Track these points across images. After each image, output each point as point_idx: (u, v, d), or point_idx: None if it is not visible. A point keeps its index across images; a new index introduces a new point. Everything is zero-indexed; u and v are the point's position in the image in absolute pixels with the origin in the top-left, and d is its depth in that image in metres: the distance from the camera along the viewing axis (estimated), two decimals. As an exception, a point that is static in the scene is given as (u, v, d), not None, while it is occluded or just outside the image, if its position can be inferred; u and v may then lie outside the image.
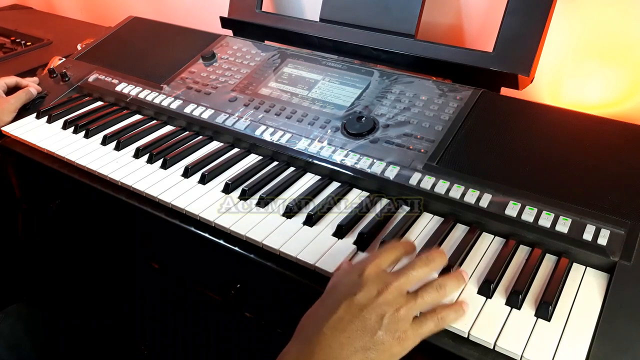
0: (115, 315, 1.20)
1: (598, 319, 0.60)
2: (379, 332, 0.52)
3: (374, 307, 0.53)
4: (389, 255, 0.59)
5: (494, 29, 0.91)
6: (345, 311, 0.53)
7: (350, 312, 0.53)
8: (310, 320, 0.55)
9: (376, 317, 0.52)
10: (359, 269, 0.56)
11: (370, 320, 0.52)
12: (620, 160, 0.74)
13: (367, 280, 0.55)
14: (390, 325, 0.52)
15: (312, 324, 0.54)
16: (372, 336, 0.52)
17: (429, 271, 0.57)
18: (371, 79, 0.97)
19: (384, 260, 0.58)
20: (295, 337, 0.55)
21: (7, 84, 1.12)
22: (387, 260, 0.58)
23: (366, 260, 0.58)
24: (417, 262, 0.57)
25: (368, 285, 0.54)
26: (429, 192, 0.77)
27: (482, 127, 0.84)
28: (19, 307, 0.98)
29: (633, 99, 0.94)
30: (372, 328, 0.52)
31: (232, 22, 1.19)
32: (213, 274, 0.89)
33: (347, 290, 0.55)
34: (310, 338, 0.53)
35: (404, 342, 0.53)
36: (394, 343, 0.52)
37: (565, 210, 0.70)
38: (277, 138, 0.91)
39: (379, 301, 0.53)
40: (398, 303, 0.53)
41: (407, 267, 0.57)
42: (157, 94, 1.07)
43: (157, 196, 0.83)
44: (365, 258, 0.59)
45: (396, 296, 0.54)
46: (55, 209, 1.10)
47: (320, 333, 0.52)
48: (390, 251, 0.59)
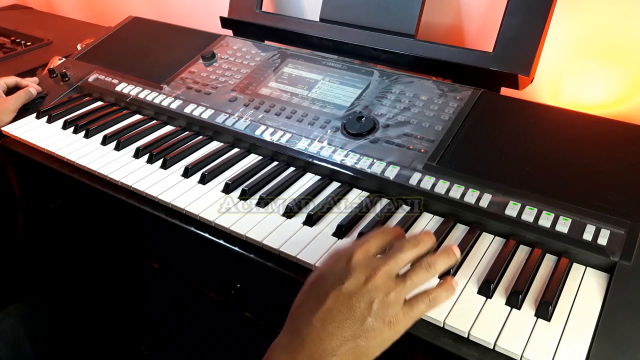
0: (115, 315, 1.20)
1: (598, 319, 0.60)
2: (368, 318, 0.51)
3: (363, 293, 0.52)
4: (377, 241, 0.57)
5: (494, 29, 0.91)
6: (333, 301, 0.52)
7: (339, 301, 0.52)
8: (299, 311, 0.55)
9: (365, 304, 0.52)
10: (347, 255, 0.55)
11: (359, 307, 0.52)
12: (620, 160, 0.74)
13: (356, 266, 0.54)
14: (380, 311, 0.52)
15: (301, 315, 0.54)
16: (361, 324, 0.51)
17: (417, 252, 0.56)
18: (371, 79, 0.97)
19: (372, 245, 0.57)
20: (286, 328, 0.55)
21: (7, 84, 1.12)
22: (375, 246, 0.57)
23: (354, 245, 0.56)
24: (405, 244, 0.56)
25: (356, 271, 0.54)
26: (429, 192, 0.77)
27: (482, 127, 0.84)
28: (19, 307, 0.98)
29: (633, 99, 0.94)
30: (362, 315, 0.51)
31: (232, 22, 1.19)
32: (213, 274, 0.89)
33: (335, 278, 0.54)
34: (300, 329, 0.52)
35: (395, 326, 0.52)
36: (385, 328, 0.52)
37: (565, 210, 0.70)
38: (277, 138, 0.91)
39: (367, 287, 0.52)
40: (387, 287, 0.53)
41: (395, 249, 0.56)
42: (157, 94, 1.07)
43: (157, 196, 0.83)
44: (354, 244, 0.57)
45: (385, 280, 0.53)
46: (55, 209, 1.10)
47: (309, 325, 0.52)
48: (379, 236, 0.58)
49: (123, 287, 1.14)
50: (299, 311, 0.55)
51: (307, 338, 0.51)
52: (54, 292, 1.33)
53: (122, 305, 1.18)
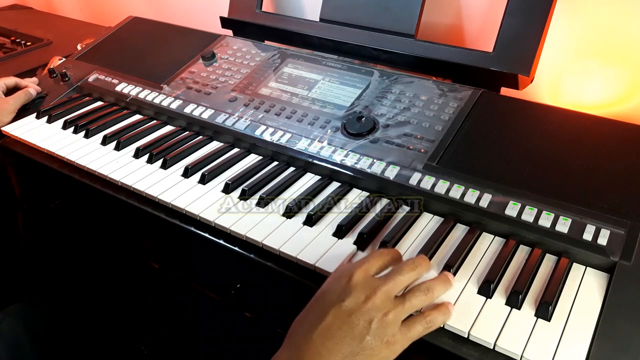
0: (115, 315, 1.20)
1: (598, 319, 0.60)
2: (367, 337, 0.53)
3: (362, 312, 0.54)
4: (377, 262, 0.60)
5: (494, 29, 0.91)
6: (333, 318, 0.54)
7: (338, 319, 0.54)
8: (299, 327, 0.56)
9: (364, 323, 0.53)
10: (348, 275, 0.57)
11: (358, 325, 0.53)
12: (620, 160, 0.74)
13: (356, 286, 0.56)
14: (378, 330, 0.53)
15: (301, 331, 0.55)
16: (360, 341, 0.53)
17: (415, 276, 0.59)
18: (371, 79, 0.97)
19: (372, 266, 0.59)
20: (286, 344, 0.56)
21: (7, 85, 1.12)
22: (375, 266, 0.59)
23: (354, 266, 0.58)
24: (404, 267, 0.59)
25: (356, 290, 0.55)
26: (429, 192, 0.77)
27: (482, 127, 0.84)
28: (19, 307, 0.98)
29: (633, 99, 0.94)
30: (361, 333, 0.53)
31: (232, 22, 1.19)
32: (213, 274, 0.89)
33: (335, 296, 0.55)
34: (300, 345, 0.53)
35: (393, 346, 0.54)
36: (383, 347, 0.53)
37: (565, 210, 0.70)
38: (277, 138, 0.91)
39: (367, 306, 0.54)
40: (386, 307, 0.55)
41: (394, 272, 0.58)
42: (157, 94, 1.06)
43: (157, 196, 0.83)
44: (354, 264, 0.59)
45: (384, 300, 0.55)
46: (55, 208, 1.10)
47: (309, 340, 0.53)
48: (378, 257, 0.60)
49: (123, 287, 1.14)
50: (299, 328, 0.56)
51: (307, 354, 0.52)
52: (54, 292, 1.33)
53: (122, 305, 1.18)
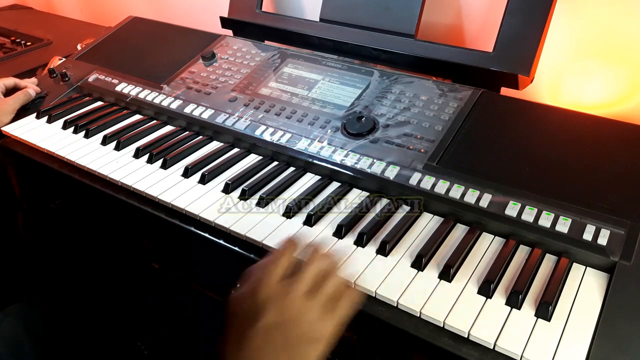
0: (115, 314, 1.20)
1: (598, 319, 0.60)
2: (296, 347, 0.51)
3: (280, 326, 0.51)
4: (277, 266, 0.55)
5: (494, 29, 0.91)
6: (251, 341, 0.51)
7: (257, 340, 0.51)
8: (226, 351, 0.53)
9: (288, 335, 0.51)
10: (251, 292, 0.53)
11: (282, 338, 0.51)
12: (620, 160, 0.74)
13: (264, 302, 0.52)
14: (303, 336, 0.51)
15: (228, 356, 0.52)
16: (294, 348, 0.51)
17: (320, 265, 0.56)
18: (371, 79, 0.97)
19: (274, 273, 0.55)
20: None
21: (6, 85, 1.11)
22: (279, 272, 0.55)
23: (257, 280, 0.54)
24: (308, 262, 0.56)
25: (266, 307, 0.52)
26: (429, 192, 0.77)
27: (482, 127, 0.84)
28: (19, 307, 0.98)
29: (633, 99, 0.94)
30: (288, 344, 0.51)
31: (232, 22, 1.19)
32: (213, 274, 0.89)
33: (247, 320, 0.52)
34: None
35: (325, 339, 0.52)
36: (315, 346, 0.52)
37: (565, 210, 0.70)
38: (277, 138, 0.91)
39: (284, 319, 0.51)
40: (303, 310, 0.52)
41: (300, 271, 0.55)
42: (157, 94, 1.06)
43: (157, 196, 0.83)
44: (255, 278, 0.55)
45: (299, 306, 0.52)
46: (55, 208, 1.10)
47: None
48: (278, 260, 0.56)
49: (123, 287, 1.14)
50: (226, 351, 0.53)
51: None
52: (54, 292, 1.33)
53: (122, 305, 1.18)
